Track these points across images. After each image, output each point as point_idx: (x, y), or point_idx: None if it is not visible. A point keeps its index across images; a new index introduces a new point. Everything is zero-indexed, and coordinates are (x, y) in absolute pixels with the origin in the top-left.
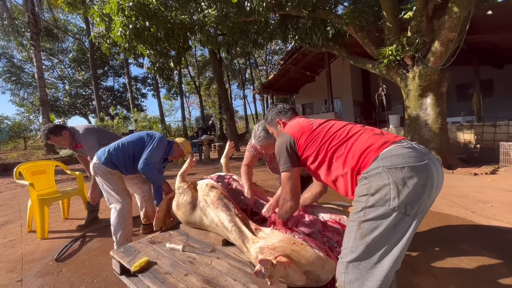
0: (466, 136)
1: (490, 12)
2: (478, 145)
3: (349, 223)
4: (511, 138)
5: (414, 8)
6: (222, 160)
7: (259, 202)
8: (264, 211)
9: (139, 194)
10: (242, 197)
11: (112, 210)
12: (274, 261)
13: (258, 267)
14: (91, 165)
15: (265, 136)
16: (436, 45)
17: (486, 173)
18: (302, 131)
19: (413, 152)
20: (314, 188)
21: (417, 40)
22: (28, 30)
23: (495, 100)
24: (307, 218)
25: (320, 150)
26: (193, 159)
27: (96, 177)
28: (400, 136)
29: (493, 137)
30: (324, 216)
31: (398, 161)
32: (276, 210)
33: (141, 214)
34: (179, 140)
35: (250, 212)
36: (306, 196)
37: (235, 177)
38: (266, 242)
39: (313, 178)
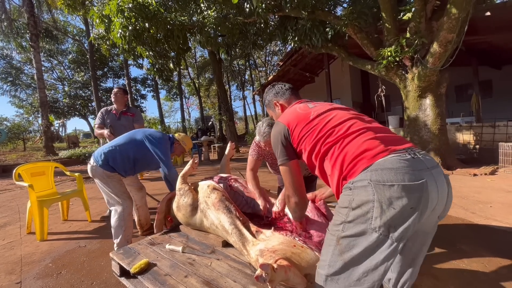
0: (465, 137)
1: (488, 13)
2: (477, 146)
3: (327, 235)
4: (510, 138)
5: (413, 9)
6: (223, 161)
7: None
8: (275, 208)
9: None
10: (243, 198)
11: (112, 212)
12: (275, 265)
13: (259, 271)
14: (88, 167)
15: (269, 131)
16: (435, 46)
17: (486, 174)
18: (298, 121)
19: (411, 168)
20: None
21: (416, 41)
22: (28, 31)
23: (494, 101)
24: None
25: (315, 145)
26: (195, 161)
27: (94, 180)
28: (406, 143)
29: (492, 138)
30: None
31: (389, 177)
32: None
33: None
34: (179, 136)
35: (263, 215)
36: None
37: (236, 179)
38: (266, 244)
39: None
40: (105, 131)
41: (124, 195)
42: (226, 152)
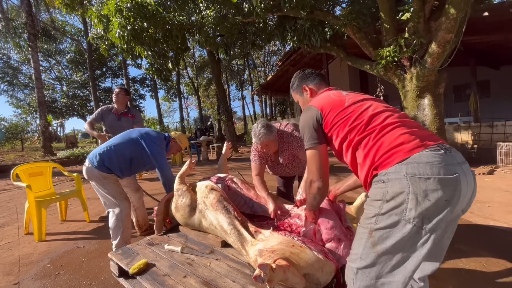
0: (464, 137)
1: (486, 14)
2: (476, 146)
3: (359, 229)
4: (508, 138)
5: (412, 9)
6: (220, 161)
7: (259, 205)
8: (298, 197)
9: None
10: (242, 198)
11: (110, 213)
12: (274, 265)
13: (257, 271)
14: (83, 169)
15: (265, 132)
16: (433, 46)
17: (484, 173)
18: (332, 106)
19: (444, 162)
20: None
21: (414, 41)
22: (25, 31)
23: (492, 101)
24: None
25: (348, 133)
26: (193, 161)
27: (90, 182)
28: (438, 139)
29: (490, 138)
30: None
31: (425, 170)
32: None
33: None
34: (175, 134)
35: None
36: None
37: (234, 178)
38: (265, 244)
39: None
40: (106, 135)
41: (121, 196)
42: (223, 152)
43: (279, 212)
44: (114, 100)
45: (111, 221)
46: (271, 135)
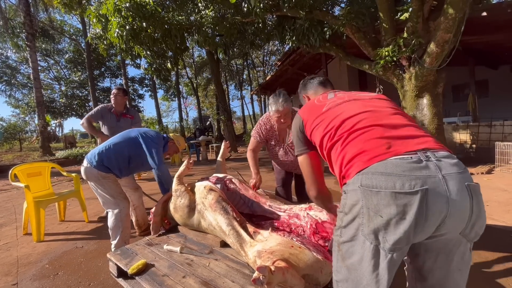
0: (462, 136)
1: (484, 14)
2: (474, 145)
3: (333, 241)
4: (506, 138)
5: (411, 9)
6: (218, 161)
7: (258, 205)
8: None
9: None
10: (241, 198)
11: (109, 213)
12: (272, 267)
13: (256, 274)
14: (82, 169)
15: (286, 99)
16: (432, 46)
17: (482, 173)
18: (310, 114)
19: (409, 173)
20: None
21: (413, 41)
22: (24, 30)
23: (490, 101)
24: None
25: (322, 139)
26: (190, 161)
27: (88, 182)
28: (422, 144)
29: (489, 137)
30: (321, 217)
31: (378, 182)
32: None
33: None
34: (173, 136)
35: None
36: None
37: (233, 179)
38: (264, 245)
39: None
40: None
41: (120, 196)
42: (221, 152)
43: (265, 195)
44: (112, 102)
45: (110, 221)
46: (290, 104)
